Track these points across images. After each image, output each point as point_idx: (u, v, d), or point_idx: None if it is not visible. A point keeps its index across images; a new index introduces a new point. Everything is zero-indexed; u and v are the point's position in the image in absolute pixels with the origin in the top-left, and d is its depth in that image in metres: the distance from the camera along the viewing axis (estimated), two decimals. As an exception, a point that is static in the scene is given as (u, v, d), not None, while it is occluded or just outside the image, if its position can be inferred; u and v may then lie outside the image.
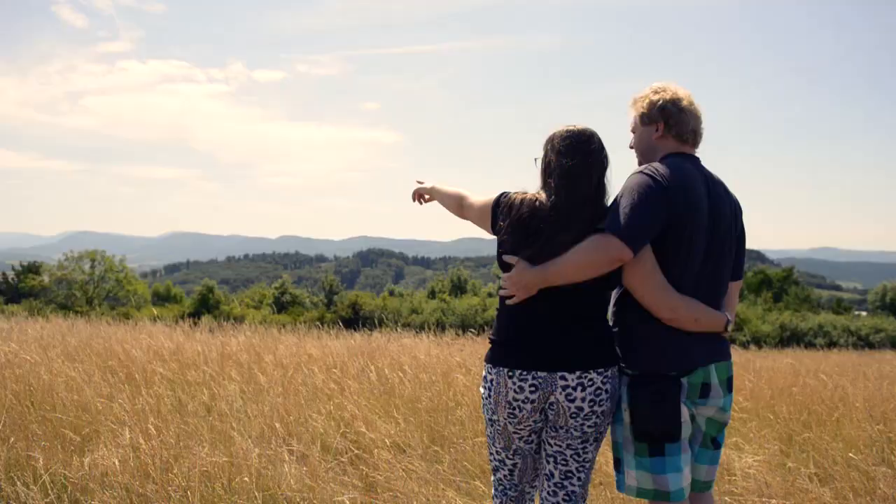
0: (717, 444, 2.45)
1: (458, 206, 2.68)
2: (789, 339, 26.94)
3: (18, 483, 3.35)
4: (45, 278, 44.21)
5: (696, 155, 2.49)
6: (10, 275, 46.10)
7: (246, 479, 3.39)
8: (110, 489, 3.27)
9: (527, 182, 2.46)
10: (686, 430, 2.31)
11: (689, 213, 2.28)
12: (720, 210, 2.39)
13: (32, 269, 45.19)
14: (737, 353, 10.58)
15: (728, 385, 2.40)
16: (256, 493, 3.27)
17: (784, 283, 44.16)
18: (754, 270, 48.13)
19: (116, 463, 3.46)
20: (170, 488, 3.26)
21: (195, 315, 18.98)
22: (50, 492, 3.28)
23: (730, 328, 2.40)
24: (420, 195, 2.92)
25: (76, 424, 4.31)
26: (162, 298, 48.01)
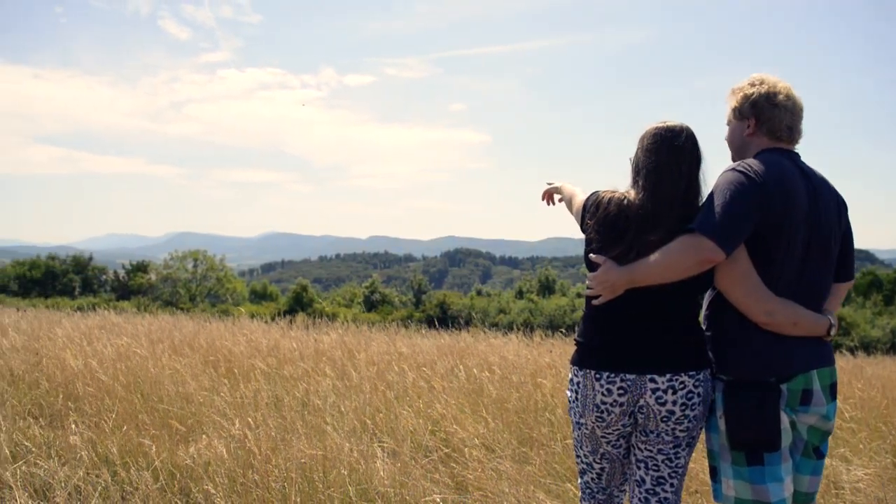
0: (819, 453, 2.32)
1: (569, 205, 2.67)
2: (902, 345, 25.20)
3: (132, 469, 3.57)
4: (152, 277, 46.82)
5: (796, 150, 2.37)
6: (121, 273, 49.13)
7: (343, 472, 3.48)
8: (215, 477, 3.43)
9: (619, 181, 2.41)
10: (786, 439, 2.21)
11: (786, 212, 2.18)
12: (821, 208, 2.26)
13: (141, 267, 47.98)
14: (844, 360, 10.00)
15: (831, 392, 2.28)
16: (350, 487, 3.36)
17: (896, 284, 41.32)
18: (863, 271, 45.31)
19: (224, 452, 3.63)
20: (270, 479, 3.39)
21: (290, 312, 19.63)
22: (161, 477, 3.48)
23: (833, 332, 2.28)
24: (550, 195, 2.91)
25: (181, 415, 4.55)
26: (259, 296, 49.85)
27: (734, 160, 2.37)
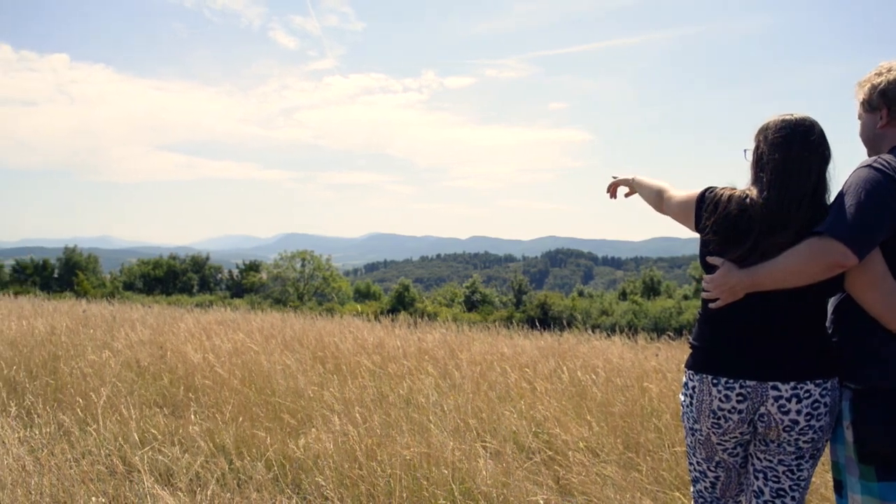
0: None
1: (657, 199, 2.54)
2: None
3: (247, 459, 3.74)
4: (264, 275, 49.10)
5: None
6: (235, 272, 51.83)
7: (444, 471, 3.51)
8: (325, 470, 3.54)
9: (734, 177, 2.32)
10: (922, 454, 2.04)
11: None
12: None
13: (253, 267, 50.42)
14: None
15: None
16: (453, 485, 3.38)
17: None
18: None
19: (329, 446, 3.75)
20: (376, 474, 3.46)
21: (392, 311, 20.04)
22: (273, 468, 3.63)
23: None
24: (615, 188, 2.84)
25: (292, 409, 4.73)
26: (362, 295, 51.21)
27: (869, 156, 2.22)
